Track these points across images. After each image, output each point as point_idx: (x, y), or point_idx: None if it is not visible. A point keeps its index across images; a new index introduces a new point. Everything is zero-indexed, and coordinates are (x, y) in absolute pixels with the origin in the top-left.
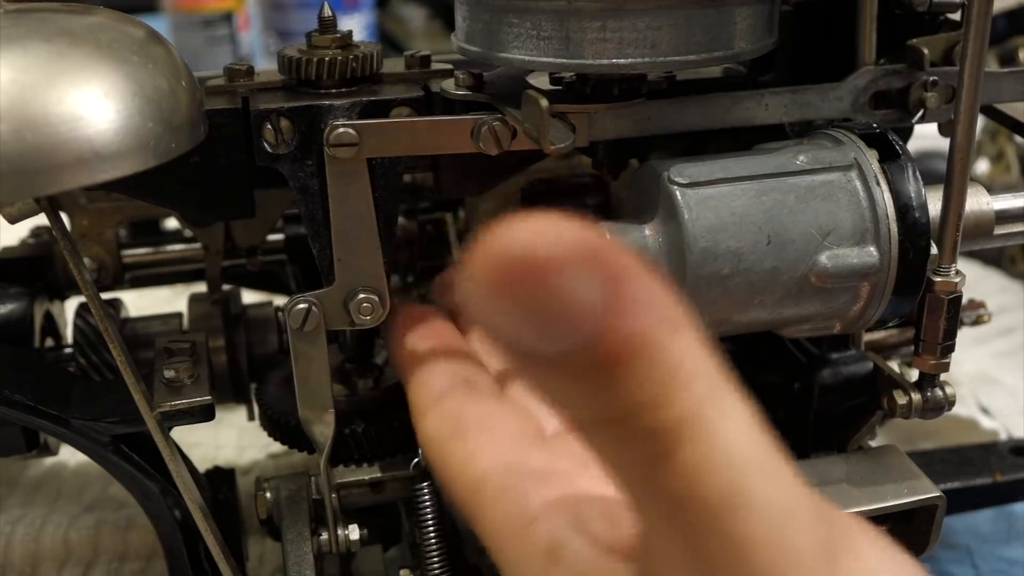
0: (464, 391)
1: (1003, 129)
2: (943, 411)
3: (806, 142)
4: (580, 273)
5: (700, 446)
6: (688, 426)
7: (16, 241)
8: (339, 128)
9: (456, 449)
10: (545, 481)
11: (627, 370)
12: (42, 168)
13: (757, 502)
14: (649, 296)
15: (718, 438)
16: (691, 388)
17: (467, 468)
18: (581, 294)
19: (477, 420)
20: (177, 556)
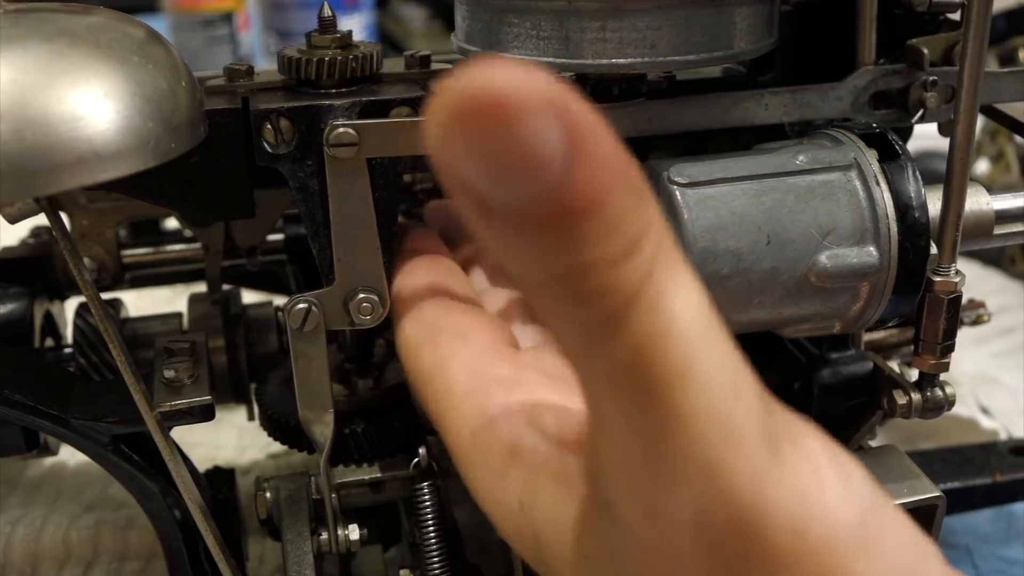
0: (443, 300)
1: (1003, 129)
2: (943, 411)
3: (806, 142)
4: (545, 120)
5: (649, 314)
6: (644, 287)
7: (16, 241)
8: (339, 128)
9: (428, 354)
10: (509, 387)
11: (583, 224)
12: (42, 168)
13: (703, 376)
14: (610, 153)
15: (668, 306)
16: (644, 249)
17: (437, 372)
18: (543, 140)
19: (451, 328)
20: (177, 556)
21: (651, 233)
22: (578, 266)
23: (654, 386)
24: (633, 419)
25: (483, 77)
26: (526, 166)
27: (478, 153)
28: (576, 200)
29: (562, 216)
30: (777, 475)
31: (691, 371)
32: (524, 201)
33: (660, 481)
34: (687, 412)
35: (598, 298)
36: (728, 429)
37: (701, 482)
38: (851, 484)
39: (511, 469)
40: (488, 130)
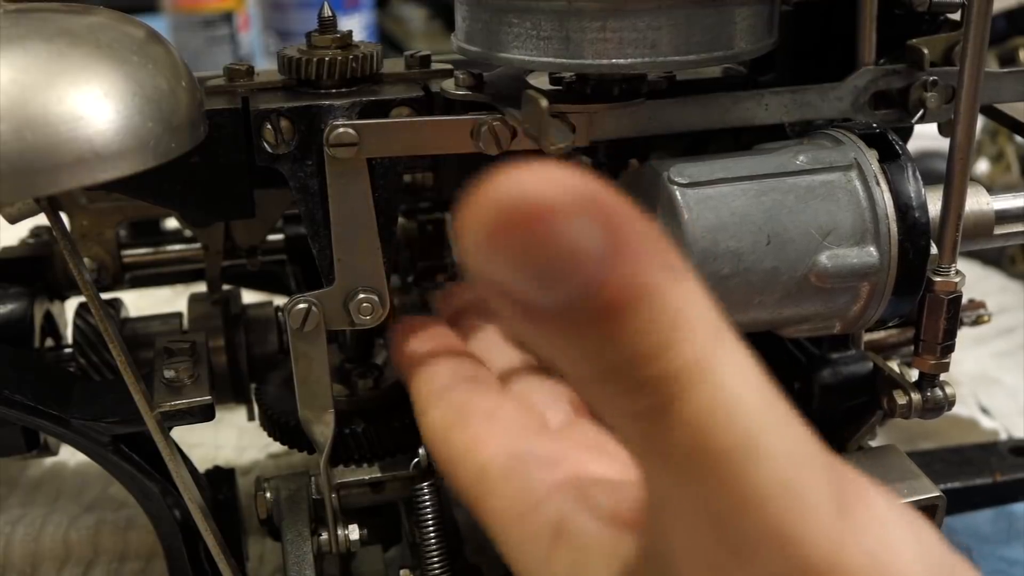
0: (467, 385)
1: (1003, 129)
2: (943, 411)
3: (806, 142)
4: (579, 219)
5: (705, 393)
6: (692, 373)
7: (16, 241)
8: (339, 128)
9: (460, 438)
10: (549, 466)
11: (628, 318)
12: (42, 168)
13: (768, 450)
14: (648, 243)
15: (724, 385)
16: (694, 334)
17: (471, 456)
18: (580, 240)
19: (481, 410)
20: (177, 556)
21: (694, 313)
22: (628, 359)
23: (721, 465)
24: (701, 500)
25: (513, 184)
26: (567, 267)
27: (517, 262)
28: (620, 295)
29: (607, 312)
30: (851, 540)
31: (756, 444)
32: (568, 301)
33: (733, 559)
34: (755, 489)
35: (651, 387)
36: (799, 497)
37: (777, 555)
38: (922, 543)
39: (558, 549)
40: (524, 238)
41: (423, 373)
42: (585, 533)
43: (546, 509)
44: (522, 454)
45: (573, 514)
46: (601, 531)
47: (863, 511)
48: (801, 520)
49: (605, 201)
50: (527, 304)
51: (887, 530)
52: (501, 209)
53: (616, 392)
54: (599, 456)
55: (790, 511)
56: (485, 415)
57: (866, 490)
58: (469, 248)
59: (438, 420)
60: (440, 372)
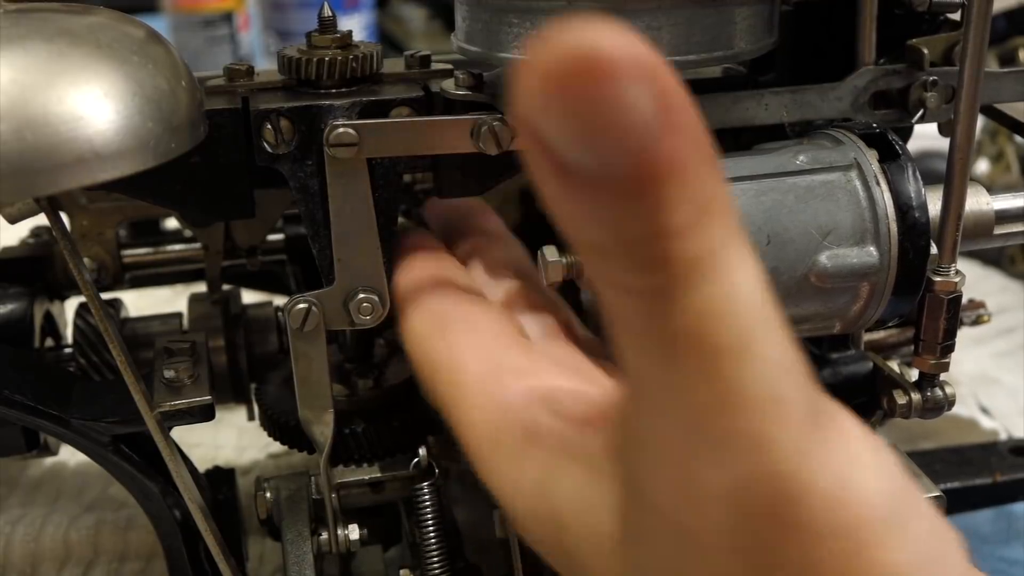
0: (450, 292)
1: (1003, 129)
2: (943, 411)
3: (806, 142)
4: (640, 86)
5: (716, 284)
6: (709, 260)
7: (16, 241)
8: (339, 128)
9: (437, 345)
10: (523, 374)
11: (663, 191)
12: (42, 168)
13: (761, 352)
14: (694, 128)
15: (734, 280)
16: (718, 223)
17: (447, 361)
18: (636, 105)
19: (460, 318)
20: (177, 556)
21: (720, 206)
22: (649, 232)
23: (712, 357)
24: (683, 391)
25: (585, 37)
26: (617, 129)
27: (571, 112)
28: (660, 166)
29: (643, 181)
30: (818, 451)
31: (749, 346)
32: (608, 163)
33: (702, 455)
34: (743, 384)
35: (664, 265)
36: (779, 403)
37: (746, 455)
38: (884, 466)
39: (528, 452)
40: (585, 91)
41: (406, 277)
42: (555, 435)
43: (517, 414)
44: (497, 363)
45: (544, 419)
46: (570, 433)
47: (833, 430)
48: (777, 427)
49: (665, 77)
50: (564, 163)
51: (853, 451)
52: (569, 58)
53: (629, 265)
54: (571, 372)
55: (769, 416)
56: (464, 323)
57: (838, 411)
58: (525, 92)
59: (418, 326)
60: (423, 277)
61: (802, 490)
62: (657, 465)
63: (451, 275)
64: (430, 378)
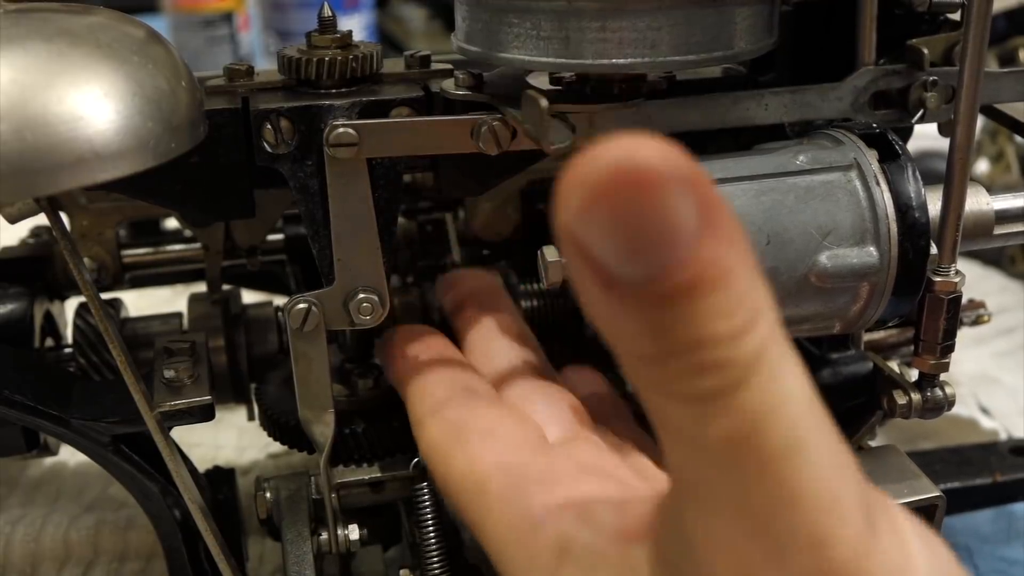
0: (464, 398)
1: (1003, 129)
2: (943, 411)
3: (806, 142)
4: (681, 195)
5: (766, 386)
6: (758, 363)
7: (16, 241)
8: (339, 128)
9: (458, 455)
10: (549, 484)
11: (706, 299)
12: (42, 168)
13: (814, 452)
14: (733, 229)
15: (783, 380)
16: (761, 326)
17: (469, 474)
18: (678, 214)
19: (479, 426)
20: (177, 556)
21: (765, 311)
22: (697, 339)
23: (767, 461)
24: (739, 496)
25: (626, 149)
26: (660, 238)
27: (616, 224)
28: (705, 274)
29: (688, 289)
30: (875, 549)
31: (803, 445)
32: (653, 273)
33: (763, 559)
34: (799, 486)
35: (715, 372)
36: (835, 503)
37: (806, 557)
38: (937, 560)
39: (562, 568)
40: (628, 202)
41: (419, 386)
42: (591, 550)
43: (547, 530)
44: (520, 474)
45: (576, 532)
46: (608, 546)
47: (887, 525)
48: (834, 525)
49: (701, 182)
50: (609, 273)
51: (907, 545)
52: (612, 170)
53: (680, 373)
54: (598, 476)
55: (826, 514)
56: (483, 432)
57: (890, 505)
58: (569, 205)
59: (435, 437)
60: (436, 385)
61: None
62: (714, 568)
63: (461, 376)
64: (452, 491)
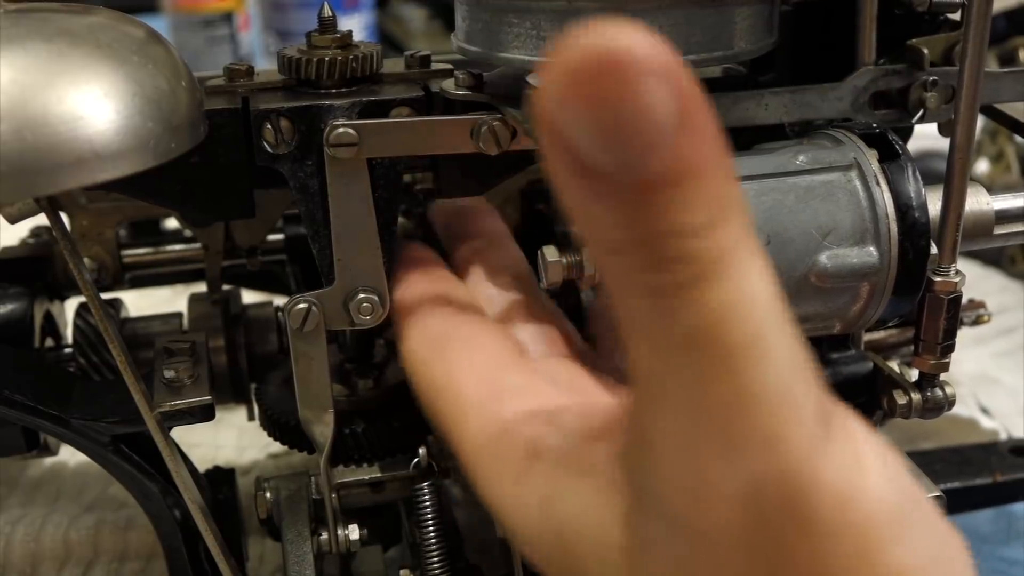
0: (448, 313)
1: (1003, 129)
2: (943, 411)
3: (806, 142)
4: (661, 86)
5: (731, 283)
6: (724, 260)
7: (16, 241)
8: (339, 128)
9: (437, 367)
10: (522, 394)
11: (679, 191)
12: (42, 168)
13: (774, 351)
14: (711, 128)
15: (749, 279)
16: (731, 225)
17: (448, 387)
18: (656, 105)
19: (459, 337)
20: (177, 556)
21: (735, 209)
22: (667, 230)
23: (726, 357)
24: (697, 390)
25: (608, 37)
26: (638, 128)
27: (593, 110)
28: (678, 165)
29: (662, 180)
30: (828, 451)
31: (763, 345)
32: (628, 162)
33: (715, 454)
34: (756, 385)
35: (680, 264)
36: (790, 404)
37: (760, 454)
38: (890, 468)
39: (531, 470)
40: (607, 89)
41: (404, 297)
42: (558, 450)
43: (518, 434)
44: (496, 383)
45: (544, 436)
46: (574, 446)
47: (841, 431)
48: (790, 426)
49: (684, 79)
50: (584, 161)
51: (860, 451)
52: (590, 57)
53: (646, 263)
54: (572, 390)
55: (780, 414)
56: (462, 343)
57: (845, 413)
58: (548, 91)
59: (416, 347)
60: (421, 298)
61: (813, 488)
62: (668, 468)
63: (449, 292)
64: (430, 400)
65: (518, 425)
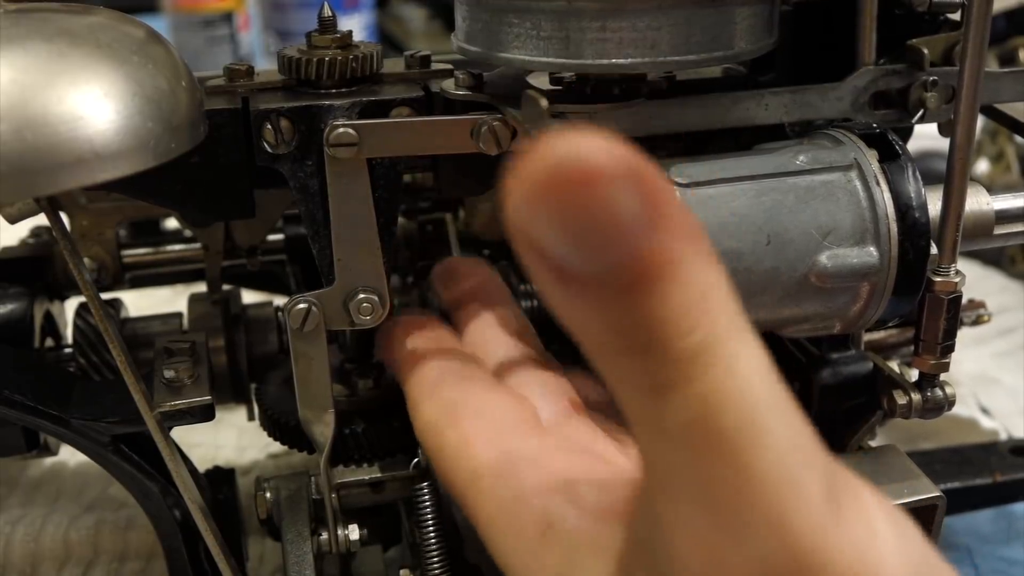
0: (459, 379)
1: (1003, 129)
2: (943, 411)
3: (806, 142)
4: (625, 189)
5: (719, 375)
6: (709, 353)
7: (16, 241)
8: (339, 128)
9: (451, 437)
10: (538, 463)
11: (656, 290)
12: (42, 168)
13: (770, 436)
14: (683, 222)
15: (737, 369)
16: (715, 316)
17: (462, 455)
18: (623, 208)
19: (472, 407)
20: (177, 556)
21: (718, 297)
22: (649, 327)
23: (723, 443)
24: (699, 477)
25: (566, 148)
26: (605, 229)
27: (560, 217)
28: (652, 261)
29: (637, 277)
30: (837, 529)
31: (759, 429)
32: (601, 263)
33: (725, 537)
34: (757, 470)
35: (667, 359)
36: (794, 485)
37: (769, 538)
38: (905, 540)
39: (547, 545)
40: (572, 196)
41: (414, 369)
42: (574, 528)
43: (534, 507)
44: (511, 452)
45: (561, 510)
46: (590, 525)
47: (851, 504)
48: (794, 506)
49: (647, 175)
50: (561, 268)
51: (873, 524)
52: (554, 167)
53: (634, 364)
54: (588, 456)
55: (785, 497)
56: (475, 412)
57: (856, 485)
58: (516, 203)
59: (429, 417)
60: (431, 368)
61: (826, 568)
62: (682, 551)
63: (457, 359)
64: (444, 468)
65: (534, 498)
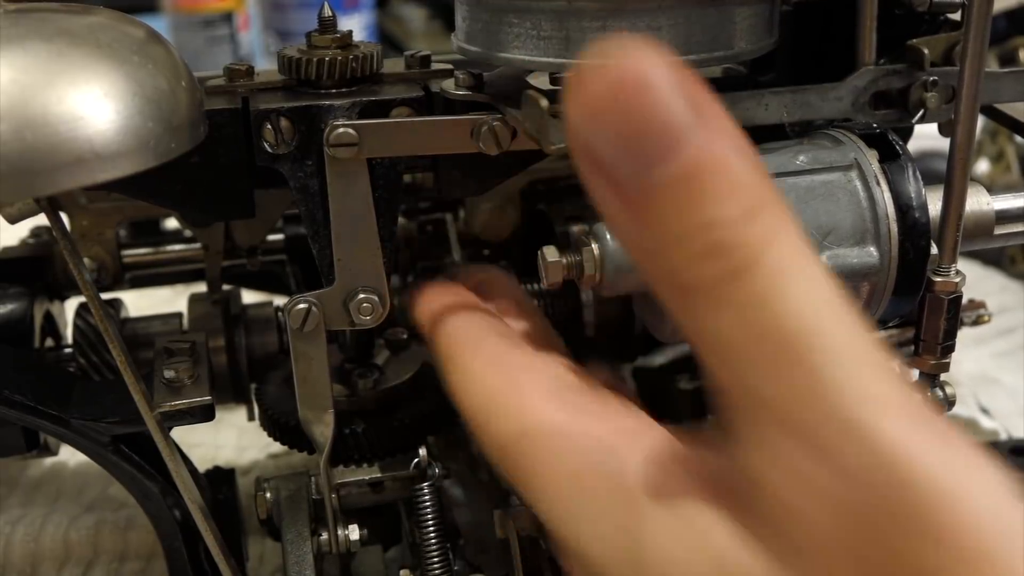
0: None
1: (1003, 129)
2: (943, 411)
3: (806, 142)
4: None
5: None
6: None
7: (16, 241)
8: (339, 128)
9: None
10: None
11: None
12: (42, 168)
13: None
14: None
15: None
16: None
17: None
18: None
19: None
20: (177, 556)
21: (770, 204)
22: (703, 223)
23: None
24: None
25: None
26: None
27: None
28: (700, 161)
29: (687, 176)
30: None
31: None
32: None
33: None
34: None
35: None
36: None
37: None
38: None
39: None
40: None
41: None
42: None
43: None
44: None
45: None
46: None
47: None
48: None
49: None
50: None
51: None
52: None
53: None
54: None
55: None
56: (527, 366)
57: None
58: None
59: (475, 370)
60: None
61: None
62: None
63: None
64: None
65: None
